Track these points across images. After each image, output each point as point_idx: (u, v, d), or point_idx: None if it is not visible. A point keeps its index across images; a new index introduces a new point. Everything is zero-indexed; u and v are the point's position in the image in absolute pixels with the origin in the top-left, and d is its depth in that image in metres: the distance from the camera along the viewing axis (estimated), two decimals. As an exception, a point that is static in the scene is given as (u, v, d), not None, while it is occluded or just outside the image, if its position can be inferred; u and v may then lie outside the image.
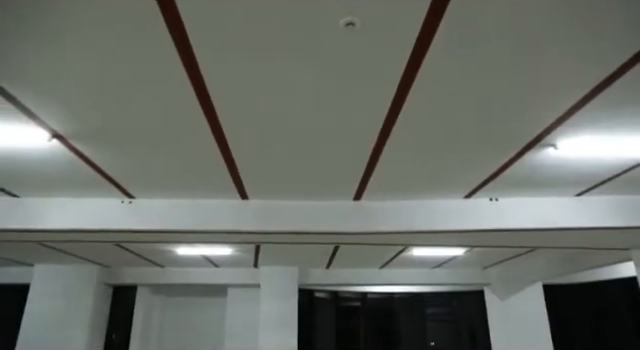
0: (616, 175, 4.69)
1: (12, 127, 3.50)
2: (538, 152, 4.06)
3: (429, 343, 12.93)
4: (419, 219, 5.57)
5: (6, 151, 3.99)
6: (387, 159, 4.24)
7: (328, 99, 3.19)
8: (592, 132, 3.68)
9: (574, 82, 2.98)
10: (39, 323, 9.63)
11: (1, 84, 2.92)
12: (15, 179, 4.76)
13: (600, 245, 6.59)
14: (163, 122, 3.49)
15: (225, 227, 5.59)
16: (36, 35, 2.46)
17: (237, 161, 4.30)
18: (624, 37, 2.51)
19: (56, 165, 4.32)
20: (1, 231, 5.51)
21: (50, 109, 3.28)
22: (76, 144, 3.85)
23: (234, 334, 10.90)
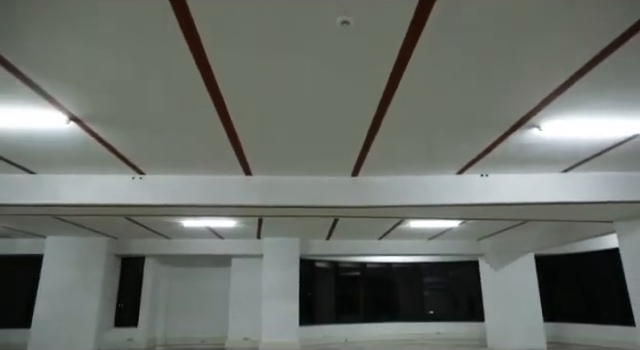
0: (598, 153, 4.97)
1: (33, 110, 3.78)
2: (524, 133, 4.33)
3: (426, 311, 13.52)
4: (414, 194, 5.88)
5: (25, 132, 4.27)
6: (382, 138, 4.51)
7: (326, 86, 3.45)
8: (573, 114, 3.94)
9: (555, 69, 3.21)
10: (54, 292, 10.14)
11: (24, 71, 3.17)
12: (32, 157, 5.06)
13: (585, 218, 6.93)
14: (173, 107, 3.76)
15: (230, 202, 5.91)
16: (57, 26, 2.70)
17: (241, 140, 4.56)
18: (604, 24, 2.70)
19: (72, 145, 4.61)
20: (18, 206, 5.86)
21: (69, 95, 3.54)
22: (92, 126, 4.13)
23: (238, 302, 11.43)
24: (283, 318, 10.47)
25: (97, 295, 10.37)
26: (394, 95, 3.57)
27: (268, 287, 10.70)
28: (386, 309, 13.48)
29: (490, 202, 5.79)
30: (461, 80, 3.36)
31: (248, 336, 10.97)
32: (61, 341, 9.79)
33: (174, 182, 5.80)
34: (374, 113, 3.92)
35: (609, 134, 4.38)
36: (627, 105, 3.80)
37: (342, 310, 12.80)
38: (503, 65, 3.15)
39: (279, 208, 6.19)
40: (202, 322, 11.85)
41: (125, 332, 10.99)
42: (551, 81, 3.39)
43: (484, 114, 3.97)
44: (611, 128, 4.21)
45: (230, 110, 3.83)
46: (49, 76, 3.26)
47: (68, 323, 9.96)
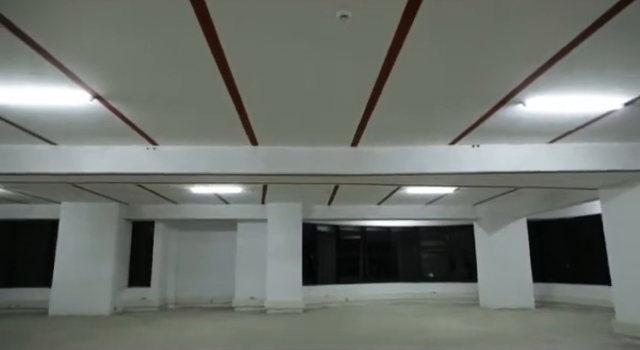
0: (581, 126, 5.34)
1: (59, 89, 4.14)
2: (510, 108, 4.69)
3: (423, 272, 14.18)
4: (409, 163, 6.29)
5: (50, 108, 4.64)
6: (379, 112, 4.86)
7: (327, 68, 3.79)
8: (554, 92, 4.30)
9: (536, 50, 3.52)
10: (71, 254, 10.77)
11: (53, 54, 3.51)
12: (54, 130, 5.45)
13: (571, 185, 7.35)
14: (186, 84, 4.11)
15: (237, 170, 6.34)
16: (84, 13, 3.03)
17: (248, 113, 4.89)
18: (582, 8, 2.96)
19: (92, 119, 4.99)
20: (40, 174, 6.30)
21: (93, 75, 3.90)
22: (112, 103, 4.50)
23: (244, 264, 12.05)
24: (287, 279, 11.13)
25: (111, 257, 11.00)
26: (389, 75, 3.92)
27: (272, 250, 11.30)
28: (385, 271, 14.16)
29: (481, 171, 6.20)
30: (450, 62, 3.70)
31: (254, 295, 11.64)
32: (80, 299, 10.48)
33: (185, 152, 6.21)
34: (371, 91, 4.27)
35: (588, 110, 4.74)
36: (603, 84, 4.14)
37: (343, 271, 13.45)
38: (489, 48, 3.47)
39: (283, 176, 6.63)
40: (210, 283, 12.53)
41: (139, 291, 11.68)
42: (533, 62, 3.72)
43: (473, 91, 4.32)
44: (589, 104, 4.56)
45: (239, 88, 4.18)
46: (76, 58, 3.60)
47: (86, 283, 10.63)
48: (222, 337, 7.43)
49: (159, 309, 11.63)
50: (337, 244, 13.68)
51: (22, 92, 4.18)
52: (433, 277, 13.99)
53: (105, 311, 10.59)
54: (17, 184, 8.41)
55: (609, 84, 4.15)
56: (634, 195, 6.53)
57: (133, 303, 11.48)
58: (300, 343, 6.82)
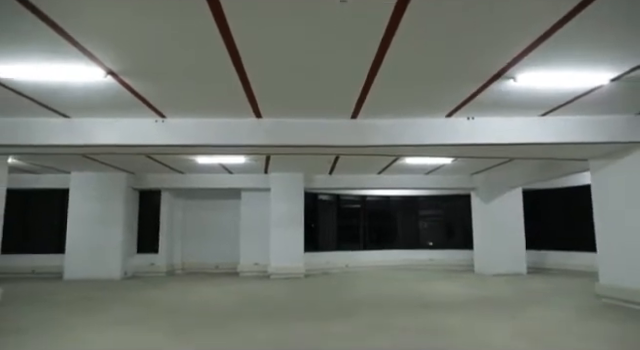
0: (570, 100, 5.58)
1: (75, 66, 4.39)
2: (502, 83, 4.93)
3: (421, 240, 14.64)
4: (407, 135, 6.56)
5: (65, 84, 4.90)
6: (378, 86, 5.08)
7: (328, 46, 4.02)
8: (544, 68, 4.53)
9: (526, 29, 3.73)
10: (82, 222, 11.20)
11: (70, 32, 3.72)
12: (68, 104, 5.71)
13: (562, 156, 7.63)
14: (195, 61, 4.36)
15: (242, 142, 6.62)
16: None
17: (253, 86, 5.11)
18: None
19: (105, 94, 5.24)
20: (53, 146, 6.60)
21: (108, 53, 4.14)
22: (124, 78, 4.75)
23: (248, 231, 12.49)
24: (289, 246, 11.58)
25: (120, 225, 11.43)
26: (387, 52, 4.14)
27: (275, 218, 11.71)
28: (384, 238, 14.62)
29: (475, 143, 6.48)
30: (445, 39, 3.92)
31: (258, 261, 12.13)
32: (92, 265, 10.98)
33: (192, 124, 6.48)
34: (369, 66, 4.50)
35: (576, 85, 4.98)
36: (591, 60, 4.37)
37: (343, 239, 13.91)
38: (482, 25, 3.66)
39: (286, 147, 6.92)
40: (216, 249, 13.02)
41: (147, 257, 12.17)
42: (524, 39, 3.92)
43: (466, 67, 4.55)
44: (577, 80, 4.80)
45: (245, 63, 4.41)
46: (92, 37, 3.83)
47: (97, 250, 11.11)
48: (227, 299, 7.90)
49: (167, 274, 12.15)
50: (338, 212, 14.08)
51: (39, 69, 4.43)
52: (432, 245, 14.45)
53: (116, 276, 11.10)
54: (30, 155, 8.70)
55: (596, 61, 4.38)
56: (621, 166, 6.82)
57: (142, 268, 12.00)
58: (301, 306, 7.26)
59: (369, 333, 5.05)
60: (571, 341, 4.66)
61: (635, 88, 5.09)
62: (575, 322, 5.68)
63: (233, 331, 5.21)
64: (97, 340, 4.81)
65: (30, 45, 3.93)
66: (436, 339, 4.73)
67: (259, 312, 6.55)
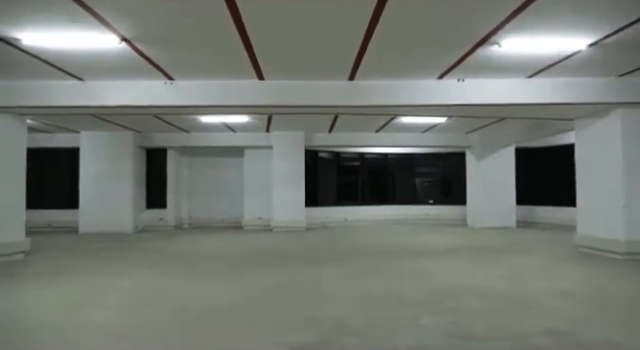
0: (553, 64, 5.93)
1: (92, 34, 4.75)
2: (487, 48, 5.28)
3: (418, 196, 15.24)
4: (401, 95, 6.95)
5: (82, 50, 5.26)
6: (373, 48, 5.37)
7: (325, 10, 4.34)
8: (525, 34, 4.87)
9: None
10: (93, 180, 11.75)
11: (88, 3, 4.06)
12: (83, 68, 6.09)
13: (549, 116, 8.04)
14: (202, 27, 4.72)
15: (246, 102, 7.04)
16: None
17: (255, 50, 5.42)
18: None
19: (119, 58, 5.60)
20: (68, 107, 7.02)
21: (123, 21, 4.50)
22: (137, 44, 5.12)
23: (251, 187, 13.07)
24: (291, 201, 12.19)
25: (129, 182, 12.00)
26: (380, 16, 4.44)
27: (277, 174, 12.26)
28: (382, 194, 15.22)
29: (465, 103, 6.90)
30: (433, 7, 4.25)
31: (261, 216, 12.79)
32: (105, 219, 11.63)
33: (199, 86, 6.87)
34: (365, 30, 4.80)
35: (557, 50, 5.34)
36: (569, 28, 4.71)
37: (343, 195, 14.51)
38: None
39: (287, 107, 7.33)
40: (220, 205, 13.66)
41: (156, 213, 12.81)
42: (506, 7, 4.23)
43: (454, 33, 4.90)
44: (558, 46, 5.16)
45: (247, 28, 4.70)
46: (108, 7, 4.18)
47: (109, 205, 11.73)
48: (234, 249, 8.55)
49: (175, 228, 12.84)
50: (337, 169, 14.61)
51: (60, 37, 4.80)
52: (430, 202, 15.04)
53: (128, 229, 11.78)
54: (44, 116, 9.11)
55: (574, 28, 4.72)
56: (602, 125, 7.24)
57: (152, 223, 12.67)
58: (302, 254, 7.90)
59: (364, 276, 5.67)
60: (543, 281, 5.26)
61: (613, 53, 5.44)
62: (550, 267, 6.30)
63: (241, 275, 5.84)
64: (124, 281, 5.44)
65: (52, 15, 4.28)
66: (423, 280, 5.34)
67: (264, 259, 7.19)
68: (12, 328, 3.52)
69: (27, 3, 4.05)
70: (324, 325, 3.52)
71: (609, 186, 7.07)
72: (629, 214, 6.77)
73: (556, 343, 3.05)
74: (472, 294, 4.55)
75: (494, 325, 3.49)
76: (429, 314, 3.82)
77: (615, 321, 3.64)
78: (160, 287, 5.13)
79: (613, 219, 6.95)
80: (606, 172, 7.15)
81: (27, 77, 6.55)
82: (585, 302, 4.27)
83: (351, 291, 4.80)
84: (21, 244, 7.27)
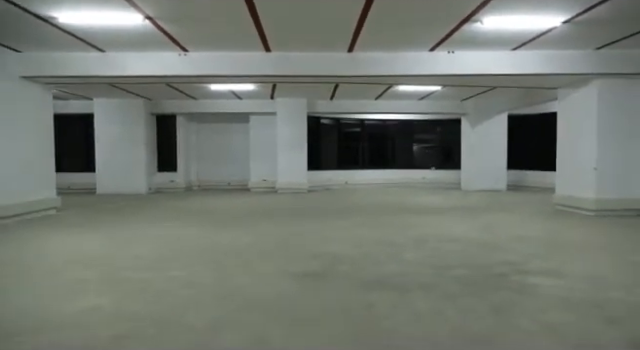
0: (532, 39, 6.52)
1: (119, 13, 5.37)
2: (472, 24, 5.88)
3: (415, 160, 15.95)
4: (396, 66, 7.55)
5: (108, 26, 5.88)
6: (370, 24, 5.97)
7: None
8: (505, 13, 5.46)
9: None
10: (108, 144, 12.48)
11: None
12: (105, 41, 6.70)
13: (534, 85, 8.65)
14: (214, 4, 5.32)
15: (253, 72, 7.67)
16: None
17: (263, 24, 6.02)
18: None
19: (139, 33, 6.22)
20: (90, 77, 7.67)
21: (148, 1, 5.11)
22: (158, 22, 5.73)
23: (257, 152, 13.82)
24: (294, 164, 12.96)
25: (142, 146, 12.74)
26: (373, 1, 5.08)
27: (281, 140, 12.98)
28: (381, 159, 15.95)
29: (455, 73, 7.51)
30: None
31: (266, 178, 13.59)
32: (121, 182, 12.45)
33: (210, 57, 7.48)
34: (362, 7, 5.38)
35: (534, 26, 5.94)
36: (543, 6, 5.29)
37: (343, 159, 15.26)
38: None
39: (291, 77, 7.97)
40: (227, 168, 14.47)
41: (167, 175, 13.62)
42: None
43: (440, 12, 5.49)
44: (535, 23, 5.75)
45: (255, 2, 5.34)
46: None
47: (123, 168, 12.52)
48: (243, 206, 9.37)
49: (185, 190, 13.70)
50: (339, 135, 15.29)
51: (91, 15, 5.43)
52: (432, 167, 15.74)
53: (142, 190, 12.62)
54: (66, 85, 9.75)
55: (548, 7, 5.31)
56: (581, 94, 7.88)
57: (164, 185, 13.50)
58: (305, 211, 8.71)
59: (360, 227, 6.48)
60: (513, 231, 6.05)
61: (585, 29, 6.04)
62: (524, 221, 7.10)
63: (254, 225, 6.66)
64: (155, 229, 6.27)
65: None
66: (410, 230, 6.15)
67: (272, 214, 8.00)
68: (77, 259, 4.34)
69: (67, -13, 4.68)
70: (324, 259, 4.33)
71: (584, 150, 7.77)
72: (599, 175, 7.51)
73: (506, 270, 3.86)
74: (450, 240, 5.36)
75: (462, 259, 4.29)
76: (411, 252, 4.64)
77: (555, 256, 4.44)
78: (187, 233, 5.96)
79: (586, 180, 7.70)
80: (582, 137, 7.84)
81: (53, 49, 7.16)
82: (540, 245, 5.08)
83: (348, 236, 5.61)
84: (53, 201, 8.10)
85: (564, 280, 3.57)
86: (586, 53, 7.27)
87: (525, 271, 3.86)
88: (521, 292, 3.26)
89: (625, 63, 7.26)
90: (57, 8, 5.23)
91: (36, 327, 2.60)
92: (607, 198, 7.49)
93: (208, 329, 2.58)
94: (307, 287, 3.44)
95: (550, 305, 2.98)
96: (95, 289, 3.41)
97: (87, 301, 3.09)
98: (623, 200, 7.48)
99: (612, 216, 7.35)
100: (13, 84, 7.25)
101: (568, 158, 8.28)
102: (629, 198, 7.50)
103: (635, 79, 7.41)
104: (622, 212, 7.46)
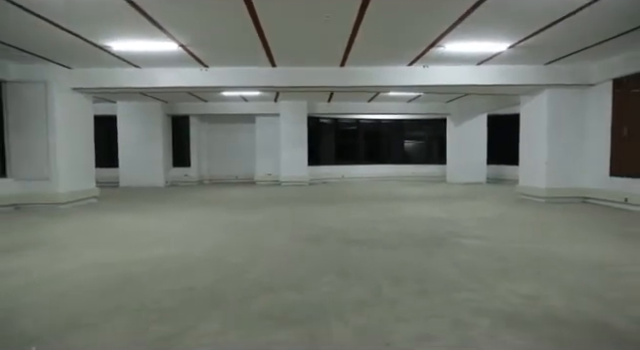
0: (487, 59, 8.05)
1: (159, 43, 6.90)
2: (437, 48, 7.40)
3: (406, 156, 17.46)
4: (380, 78, 9.08)
5: (147, 51, 7.40)
6: (357, 45, 7.48)
7: (321, 17, 6.46)
8: (462, 40, 6.98)
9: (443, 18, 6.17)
10: (130, 142, 14.05)
11: (161, 23, 6.19)
12: (142, 60, 8.23)
13: (499, 93, 10.17)
14: (232, 33, 6.84)
15: (261, 84, 9.21)
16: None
17: (271, 46, 7.55)
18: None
19: (171, 54, 7.75)
20: (129, 88, 9.20)
21: (181, 34, 6.64)
22: (188, 47, 7.26)
23: (262, 150, 15.39)
24: (296, 160, 14.51)
25: (160, 144, 14.29)
26: (358, 30, 6.58)
27: (284, 138, 14.53)
28: (375, 154, 17.47)
29: (429, 84, 9.04)
30: (398, 20, 6.36)
31: (270, 173, 15.16)
32: (141, 176, 14.02)
33: (226, 71, 9.01)
34: (349, 35, 6.92)
35: (486, 50, 7.46)
36: (491, 36, 6.80)
37: (341, 155, 16.79)
38: (420, 16, 6.13)
39: (293, 87, 9.50)
40: (235, 164, 16.05)
41: (182, 170, 15.19)
42: (441, 26, 6.35)
43: (412, 39, 7.01)
44: (486, 48, 7.28)
45: (265, 31, 6.87)
46: (173, 27, 6.32)
47: (143, 164, 14.08)
48: (252, 196, 10.91)
49: (197, 183, 15.26)
50: (336, 133, 16.82)
51: (138, 43, 6.96)
52: (412, 160, 17.29)
53: (160, 184, 14.19)
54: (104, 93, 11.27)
55: (495, 36, 6.81)
56: (535, 100, 9.40)
57: (178, 179, 15.07)
58: (306, 199, 10.26)
59: (350, 210, 8.03)
60: (473, 213, 7.58)
61: (527, 52, 7.56)
62: (486, 206, 8.64)
63: (263, 209, 8.20)
64: (181, 213, 7.83)
65: (132, 30, 6.42)
66: (390, 212, 7.69)
67: (277, 201, 9.55)
68: (136, 230, 5.89)
69: (114, 24, 6.20)
70: (321, 229, 5.89)
71: (538, 147, 9.31)
72: (549, 168, 9.06)
73: (450, 236, 5.41)
74: (419, 219, 6.91)
75: (422, 230, 5.84)
76: (385, 226, 6.19)
77: (491, 229, 5.97)
78: (211, 215, 7.50)
79: (539, 172, 9.24)
80: (537, 136, 9.37)
81: (97, 66, 8.69)
82: (486, 222, 6.62)
83: (340, 216, 7.16)
84: (95, 191, 9.67)
85: (485, 241, 5.12)
86: (537, 67, 8.80)
87: (463, 236, 5.41)
88: (451, 247, 4.81)
89: (569, 75, 8.79)
90: (113, 39, 6.76)
91: (126, 262, 4.16)
92: (555, 187, 9.03)
93: (244, 264, 4.14)
94: (308, 245, 5.00)
95: (464, 253, 4.53)
96: (158, 245, 4.96)
97: (157, 251, 4.65)
98: (568, 189, 9.01)
99: (559, 203, 8.88)
100: (66, 95, 8.80)
101: (527, 154, 9.82)
102: (573, 187, 9.03)
103: (578, 88, 8.92)
104: (568, 199, 8.99)
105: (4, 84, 8.29)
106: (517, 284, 3.42)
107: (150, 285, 3.47)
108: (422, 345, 2.35)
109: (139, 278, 3.67)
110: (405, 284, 3.44)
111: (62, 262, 4.23)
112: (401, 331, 2.52)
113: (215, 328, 2.58)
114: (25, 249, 4.85)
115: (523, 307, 2.91)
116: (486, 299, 3.08)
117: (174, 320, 2.71)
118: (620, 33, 6.58)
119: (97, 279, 3.66)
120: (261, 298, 3.13)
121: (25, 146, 8.37)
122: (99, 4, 5.27)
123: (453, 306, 2.93)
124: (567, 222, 6.67)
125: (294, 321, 2.68)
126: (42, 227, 6.41)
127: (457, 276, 3.66)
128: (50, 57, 7.98)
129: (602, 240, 5.21)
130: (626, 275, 3.72)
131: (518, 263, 4.11)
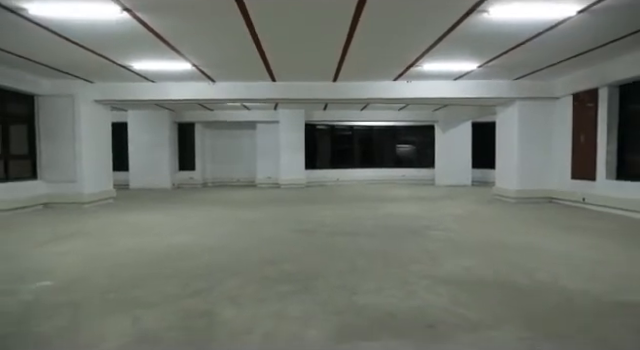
0: (461, 75, 9.15)
1: (168, 63, 7.98)
2: (416, 67, 8.49)
3: (399, 162, 18.50)
4: (369, 92, 10.18)
5: (164, 69, 8.48)
6: (347, 63, 8.54)
7: (315, 35, 7.55)
8: (434, 62, 8.07)
9: (421, 40, 7.28)
10: (140, 148, 15.12)
11: (179, 49, 7.30)
12: (157, 76, 9.31)
13: (476, 104, 11.28)
14: (238, 55, 7.92)
15: (262, 97, 10.30)
16: (199, 28, 6.85)
17: (271, 63, 8.63)
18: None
19: (183, 71, 8.82)
20: (144, 100, 10.28)
21: (194, 55, 7.72)
22: (200, 67, 8.35)
23: (262, 154, 16.47)
24: (294, 164, 15.61)
25: (166, 150, 15.36)
26: (348, 50, 7.67)
27: (283, 143, 15.63)
28: (368, 159, 18.55)
29: (412, 97, 10.14)
30: (385, 40, 7.46)
31: (270, 176, 16.24)
32: (149, 179, 15.07)
33: (232, 85, 10.10)
34: (341, 52, 8.00)
35: (457, 69, 8.57)
36: (458, 58, 7.90)
37: (336, 160, 17.87)
38: (402, 37, 7.22)
39: (291, 99, 10.60)
40: (238, 168, 17.13)
41: (187, 174, 16.26)
42: (420, 49, 7.43)
43: (394, 60, 8.10)
44: (456, 67, 8.39)
45: (266, 51, 7.95)
46: (188, 51, 7.40)
47: (152, 168, 15.15)
48: (254, 197, 11.98)
49: (202, 186, 16.33)
50: (332, 139, 17.92)
51: (158, 64, 8.04)
52: (403, 164, 18.36)
53: (167, 186, 15.25)
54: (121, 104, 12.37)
55: (462, 58, 7.92)
56: (508, 111, 10.51)
57: (184, 181, 16.14)
58: (303, 199, 11.33)
59: (342, 208, 9.10)
60: (448, 210, 8.65)
61: (494, 70, 8.67)
62: (462, 205, 9.71)
63: (263, 208, 9.26)
64: (191, 211, 8.89)
65: (154, 54, 7.49)
66: (376, 210, 8.75)
67: (276, 201, 10.61)
68: (156, 224, 6.95)
69: (146, 50, 7.28)
70: (314, 224, 6.96)
71: (510, 153, 10.41)
72: (519, 172, 10.15)
73: (421, 229, 6.49)
74: (401, 216, 7.99)
75: (399, 224, 6.92)
76: (370, 221, 7.27)
77: (459, 224, 7.05)
78: (217, 212, 8.56)
79: (511, 176, 10.34)
80: (509, 144, 10.47)
81: (116, 80, 9.77)
82: (457, 218, 7.70)
83: (332, 213, 8.24)
84: (112, 192, 10.74)
85: (450, 233, 6.20)
86: (508, 82, 9.91)
87: (432, 228, 6.49)
88: (421, 236, 5.89)
89: (536, 90, 9.91)
90: (135, 60, 7.84)
91: (157, 246, 5.23)
92: (525, 189, 10.12)
93: (250, 247, 5.21)
94: (301, 236, 6.07)
95: (430, 241, 5.61)
96: (178, 235, 6.03)
97: (178, 239, 5.72)
98: (536, 190, 10.11)
99: (528, 203, 9.96)
100: (90, 106, 9.89)
101: (501, 159, 10.92)
102: (541, 189, 10.12)
103: (545, 101, 10.03)
104: (536, 199, 10.08)
105: (37, 98, 9.38)
106: (461, 260, 4.50)
107: (179, 261, 4.54)
108: (378, 294, 3.42)
109: (170, 257, 4.74)
110: (375, 261, 4.52)
111: (106, 246, 5.31)
112: (365, 287, 3.60)
113: (236, 284, 3.66)
114: (70, 238, 5.92)
115: (459, 274, 3.98)
116: (434, 269, 4.15)
117: (205, 280, 3.78)
118: (573, 55, 7.68)
119: (138, 257, 4.73)
120: (267, 268, 4.21)
121: (54, 152, 9.45)
122: (131, 37, 6.33)
123: (408, 273, 4.00)
124: (527, 218, 7.76)
125: (293, 280, 3.75)
126: (76, 221, 7.48)
127: (418, 256, 4.74)
128: (77, 74, 9.06)
129: (547, 232, 6.29)
130: (546, 252, 4.81)
131: (469, 247, 5.19)
